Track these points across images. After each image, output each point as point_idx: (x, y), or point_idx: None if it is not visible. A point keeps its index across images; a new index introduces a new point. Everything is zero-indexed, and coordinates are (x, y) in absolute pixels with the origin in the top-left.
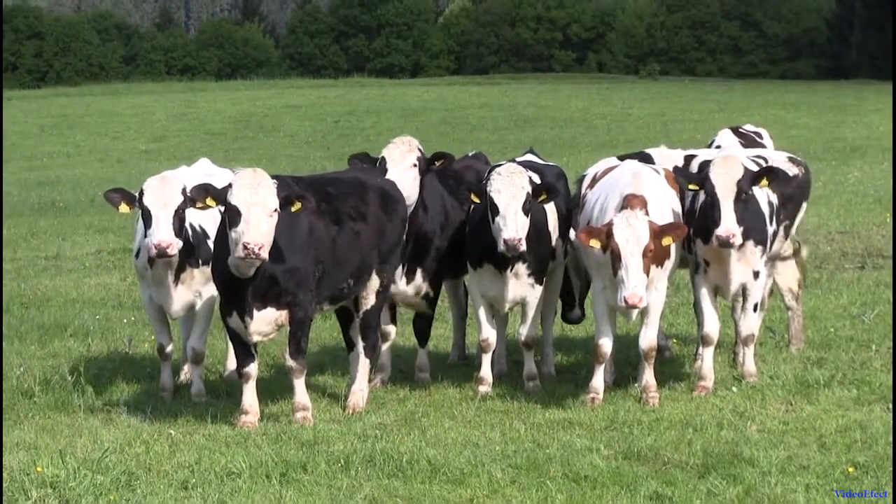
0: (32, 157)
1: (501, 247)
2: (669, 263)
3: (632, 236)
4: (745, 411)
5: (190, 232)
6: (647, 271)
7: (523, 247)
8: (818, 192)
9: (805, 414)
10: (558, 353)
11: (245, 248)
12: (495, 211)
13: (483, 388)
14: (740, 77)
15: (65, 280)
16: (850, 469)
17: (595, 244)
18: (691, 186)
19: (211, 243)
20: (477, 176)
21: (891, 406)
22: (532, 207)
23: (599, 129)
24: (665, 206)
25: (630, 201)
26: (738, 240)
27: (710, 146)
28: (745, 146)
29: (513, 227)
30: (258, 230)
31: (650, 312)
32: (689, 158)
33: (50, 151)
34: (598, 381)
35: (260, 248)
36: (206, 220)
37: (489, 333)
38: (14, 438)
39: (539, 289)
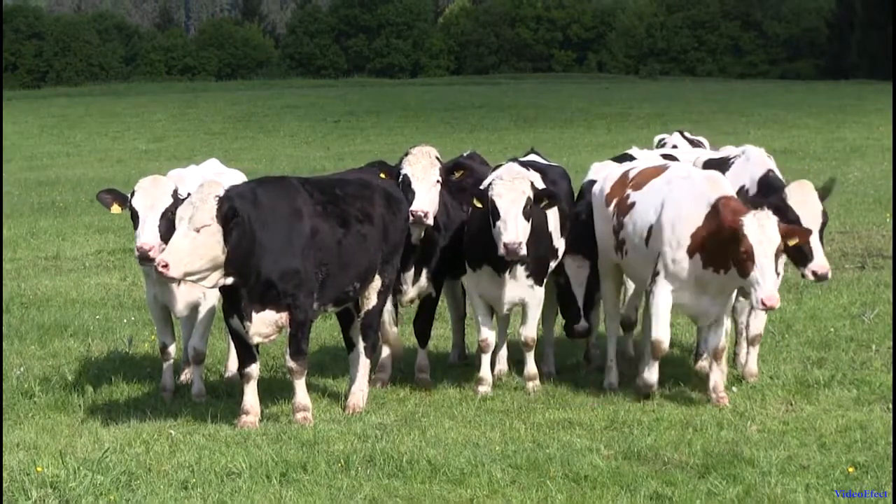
0: (32, 157)
1: (502, 251)
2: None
3: (765, 236)
4: (745, 411)
5: None
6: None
7: (524, 251)
8: None
9: (805, 414)
10: (558, 353)
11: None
12: (496, 215)
13: (483, 389)
14: (740, 77)
15: (65, 280)
16: (850, 469)
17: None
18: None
19: None
20: (473, 177)
21: (891, 406)
22: (533, 212)
23: (599, 129)
24: None
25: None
26: (830, 273)
27: (660, 145)
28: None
29: (513, 231)
30: (170, 248)
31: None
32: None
33: (50, 151)
34: (653, 375)
35: (164, 266)
36: None
37: (488, 334)
38: (14, 438)
39: (539, 290)
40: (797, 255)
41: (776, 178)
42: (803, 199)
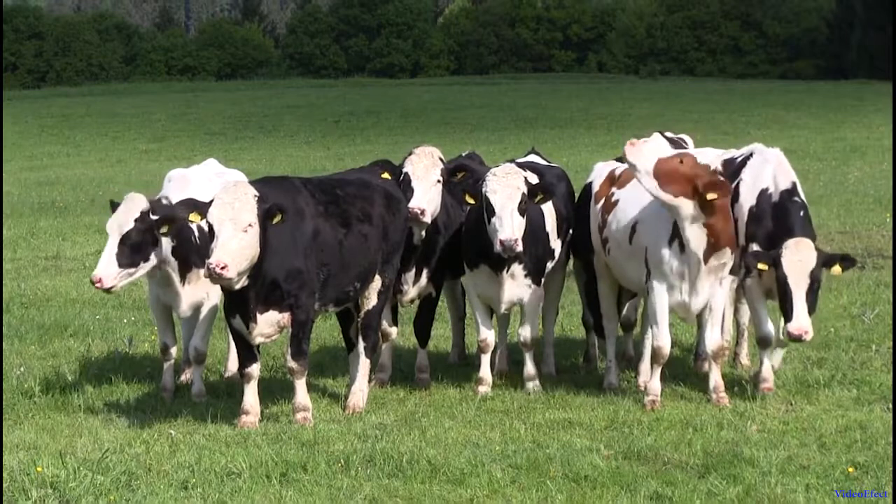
0: (32, 157)
1: (498, 247)
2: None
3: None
4: (745, 411)
5: (196, 233)
6: (662, 172)
7: (520, 247)
8: (818, 191)
9: (805, 414)
10: (558, 353)
11: (207, 267)
12: (491, 212)
13: (483, 389)
14: (740, 77)
15: (65, 280)
16: (850, 469)
17: None
18: (761, 266)
19: None
20: (472, 177)
21: (891, 406)
22: (528, 208)
23: (599, 129)
24: None
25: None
26: (809, 336)
27: None
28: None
29: (509, 227)
30: (224, 249)
31: (713, 312)
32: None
33: (50, 151)
34: (657, 383)
35: (223, 268)
36: None
37: (487, 334)
38: (14, 438)
39: (537, 289)
40: (782, 311)
41: (797, 207)
42: (798, 257)
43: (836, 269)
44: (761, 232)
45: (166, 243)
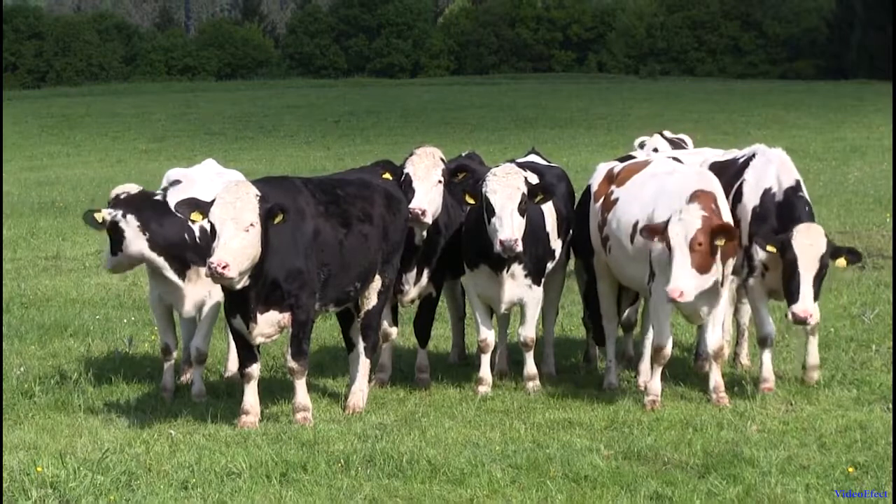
0: (32, 157)
1: (497, 248)
2: (731, 265)
3: (682, 229)
4: (745, 411)
5: (198, 233)
6: (699, 266)
7: (519, 247)
8: (818, 192)
9: (805, 414)
10: (558, 353)
11: (209, 266)
12: (491, 212)
13: (483, 389)
14: (740, 77)
15: (65, 280)
16: (850, 469)
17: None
18: (770, 248)
19: None
20: (473, 178)
21: (891, 406)
22: (528, 208)
23: (599, 129)
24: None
25: (698, 197)
26: (813, 320)
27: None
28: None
29: (509, 227)
30: (226, 248)
31: (714, 312)
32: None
33: (50, 151)
34: (657, 383)
35: (224, 268)
36: None
37: (487, 334)
38: (14, 438)
39: (537, 289)
40: (787, 293)
41: (802, 202)
42: (809, 241)
43: (842, 261)
44: (765, 231)
45: (137, 238)
